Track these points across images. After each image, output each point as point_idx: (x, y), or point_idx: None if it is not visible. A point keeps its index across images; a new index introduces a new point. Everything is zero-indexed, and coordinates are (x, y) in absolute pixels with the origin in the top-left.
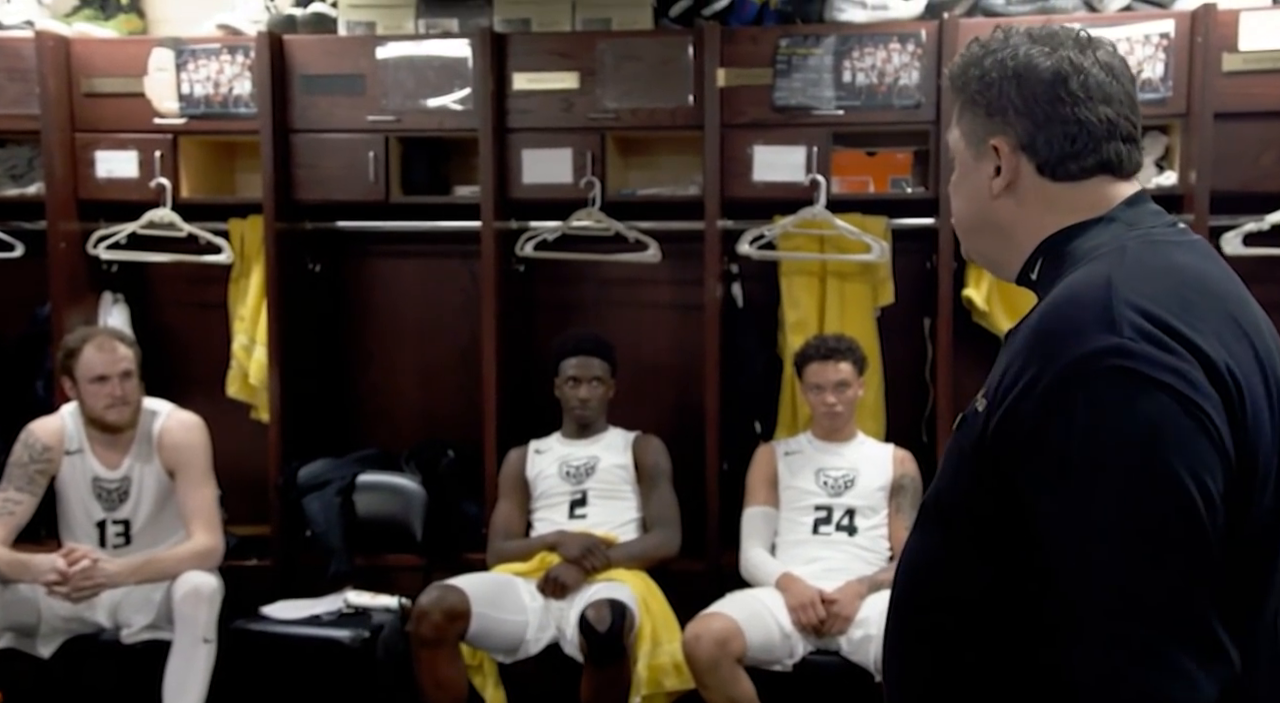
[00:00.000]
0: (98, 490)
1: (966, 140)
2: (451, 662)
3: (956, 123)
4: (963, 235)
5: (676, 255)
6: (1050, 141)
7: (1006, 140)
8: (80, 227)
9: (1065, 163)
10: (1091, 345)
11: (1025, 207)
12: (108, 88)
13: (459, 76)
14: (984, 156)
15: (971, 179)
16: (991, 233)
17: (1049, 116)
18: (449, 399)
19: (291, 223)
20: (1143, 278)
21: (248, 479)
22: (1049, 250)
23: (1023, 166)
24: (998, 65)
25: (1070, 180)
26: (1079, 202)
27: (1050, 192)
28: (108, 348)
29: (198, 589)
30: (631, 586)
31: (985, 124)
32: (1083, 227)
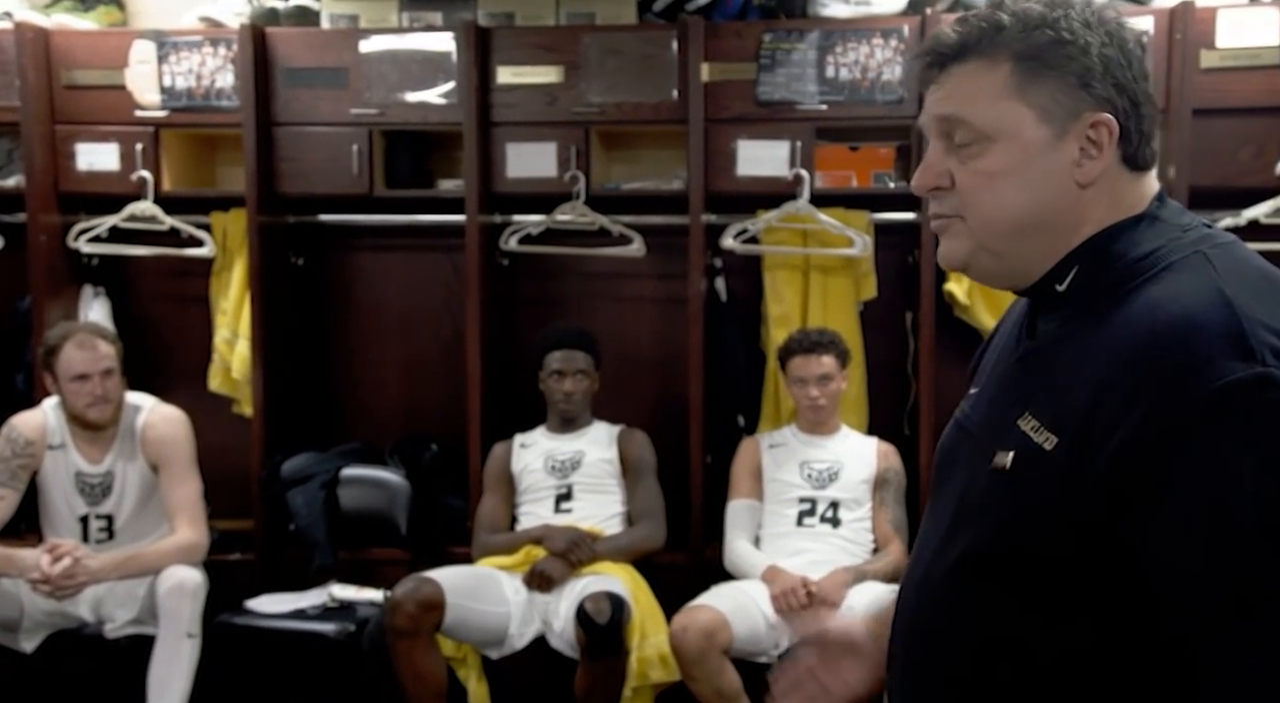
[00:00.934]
0: (80, 485)
1: (1042, 114)
2: (428, 653)
3: (1015, 95)
4: (994, 233)
5: (660, 249)
6: (1140, 125)
7: (1113, 116)
8: (61, 219)
9: (1143, 151)
10: (1231, 375)
11: (1099, 199)
12: (88, 80)
13: (442, 70)
14: (1069, 136)
15: (1042, 164)
16: (1049, 229)
17: (1139, 95)
18: (432, 393)
19: (274, 216)
20: (1256, 293)
21: (230, 473)
22: (1088, 255)
23: (1113, 153)
24: (1089, 27)
25: (1141, 170)
26: (1135, 196)
27: (1123, 183)
28: (88, 346)
29: (182, 584)
30: (619, 579)
31: (1079, 96)
32: (1124, 226)
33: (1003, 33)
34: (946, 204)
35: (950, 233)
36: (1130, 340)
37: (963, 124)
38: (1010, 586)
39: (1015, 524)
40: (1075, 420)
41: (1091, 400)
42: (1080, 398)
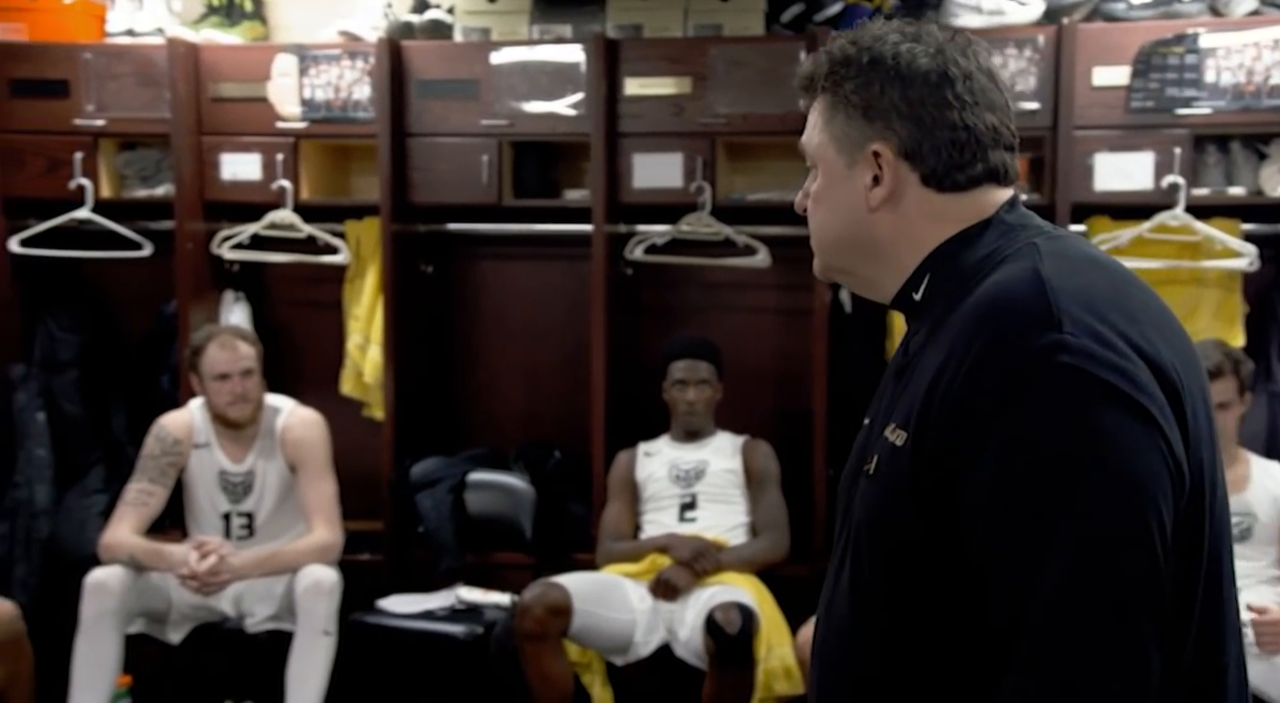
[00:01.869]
0: (223, 483)
1: (837, 146)
2: (555, 657)
3: (822, 126)
4: (825, 252)
5: (785, 260)
6: (937, 149)
7: (889, 146)
8: (205, 227)
9: (953, 172)
10: (1036, 341)
11: (907, 220)
12: (233, 93)
13: (571, 81)
14: (859, 165)
15: (841, 189)
16: (864, 249)
17: (936, 122)
18: (556, 400)
19: (406, 225)
20: (1070, 271)
21: (361, 476)
22: (938, 264)
23: (905, 176)
24: (877, 64)
25: (957, 191)
26: (965, 210)
27: (935, 203)
28: (229, 346)
29: (319, 583)
30: (745, 589)
31: (863, 128)
32: (970, 234)
33: (820, 70)
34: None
35: (815, 247)
36: (960, 329)
37: (804, 151)
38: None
39: (879, 519)
40: (916, 410)
41: (927, 388)
42: (919, 391)
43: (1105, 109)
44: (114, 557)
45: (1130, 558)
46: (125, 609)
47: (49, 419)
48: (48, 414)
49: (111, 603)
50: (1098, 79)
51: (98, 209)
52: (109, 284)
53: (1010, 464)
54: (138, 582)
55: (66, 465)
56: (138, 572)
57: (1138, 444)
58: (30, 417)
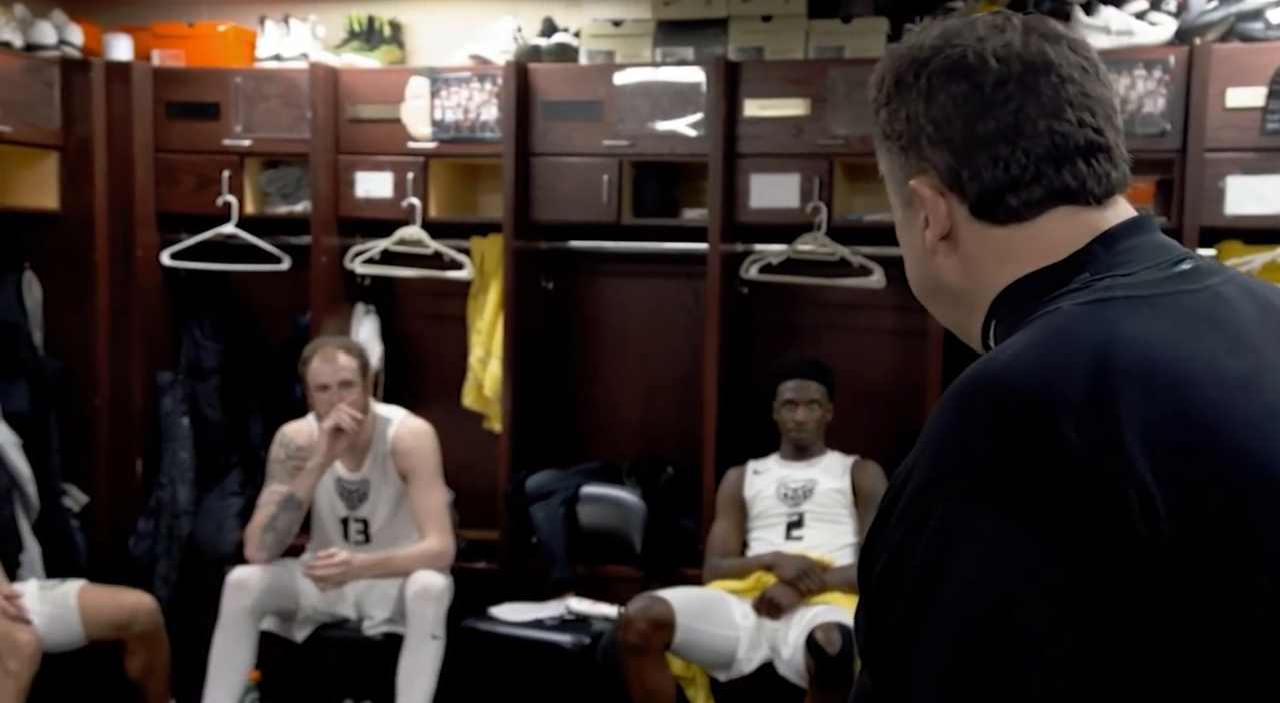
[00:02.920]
0: (340, 490)
1: (890, 184)
2: (657, 670)
3: (880, 162)
4: (925, 305)
5: (900, 282)
6: (978, 173)
7: (927, 181)
8: (339, 242)
9: (1003, 198)
10: (952, 458)
11: (971, 262)
12: (369, 114)
13: (691, 102)
14: (911, 204)
15: (906, 233)
16: (946, 298)
17: (969, 140)
18: (669, 417)
19: (528, 242)
20: (1050, 363)
21: (479, 486)
22: (1000, 310)
23: (955, 211)
24: (900, 84)
25: (1017, 221)
26: (1036, 246)
27: (996, 238)
28: (330, 358)
29: (427, 588)
30: (849, 610)
31: (902, 162)
32: (1037, 278)
33: (870, 101)
34: None
35: None
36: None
37: None
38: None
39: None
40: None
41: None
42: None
43: (1239, 131)
44: (258, 532)
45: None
46: (261, 607)
47: (192, 423)
48: (191, 419)
49: (249, 600)
50: (1231, 101)
51: (242, 224)
52: (250, 296)
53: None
54: (273, 581)
55: (207, 468)
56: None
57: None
58: (175, 421)
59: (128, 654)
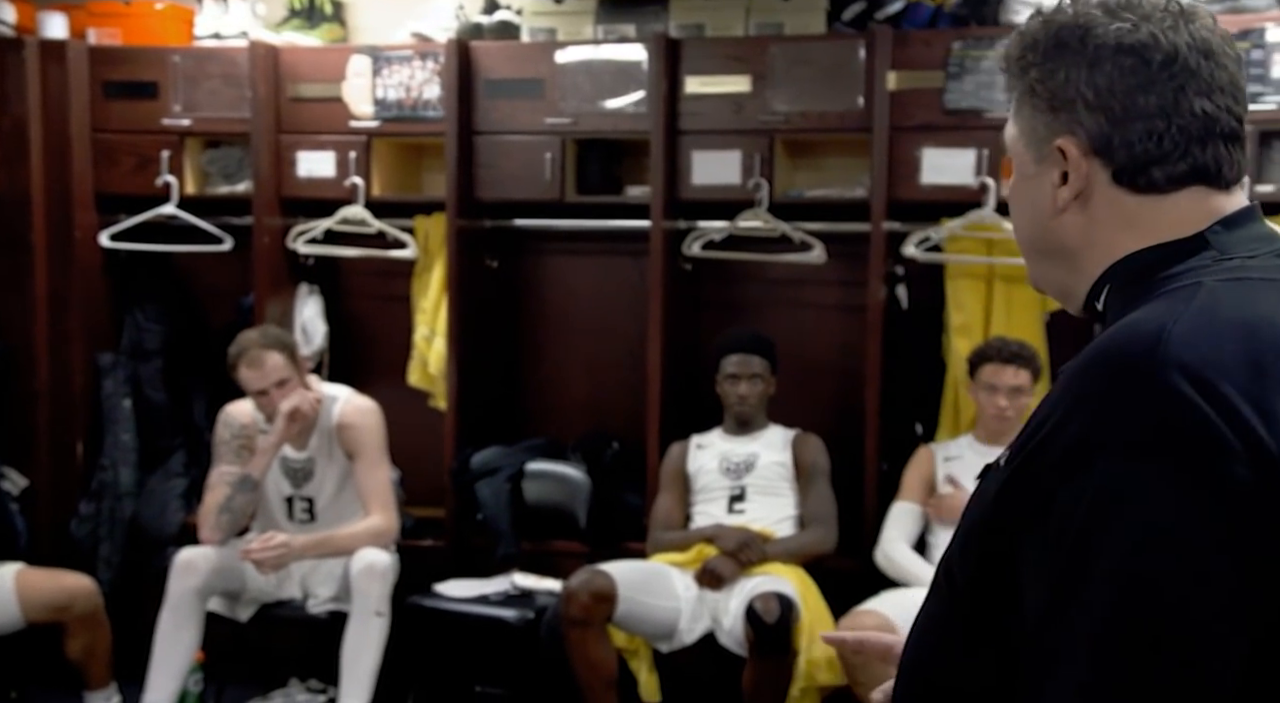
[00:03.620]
0: (286, 469)
1: (1026, 140)
2: (599, 642)
3: (1014, 117)
4: (1027, 259)
5: (842, 257)
6: (1130, 142)
7: (1075, 141)
8: (282, 222)
9: (1148, 169)
10: (1122, 411)
11: (1097, 224)
12: (310, 93)
13: (633, 80)
14: (1047, 161)
15: (1031, 189)
16: (1057, 256)
17: (1128, 110)
18: (615, 393)
19: (472, 220)
20: (1208, 333)
21: (425, 464)
22: (1118, 276)
23: (1095, 174)
24: (1062, 46)
25: (1155, 192)
26: (1164, 218)
27: (1129, 206)
28: (258, 363)
29: (372, 566)
30: (789, 580)
31: (1048, 120)
32: (1163, 249)
33: (1009, 59)
34: None
35: None
36: (1078, 364)
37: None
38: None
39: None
40: (1020, 440)
41: (1034, 420)
42: (1034, 417)
43: None
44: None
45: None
46: (209, 588)
47: (134, 406)
48: (133, 401)
49: (197, 581)
50: None
51: (183, 205)
52: (193, 277)
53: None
54: (221, 562)
55: (150, 450)
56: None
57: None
58: (117, 403)
59: (68, 637)
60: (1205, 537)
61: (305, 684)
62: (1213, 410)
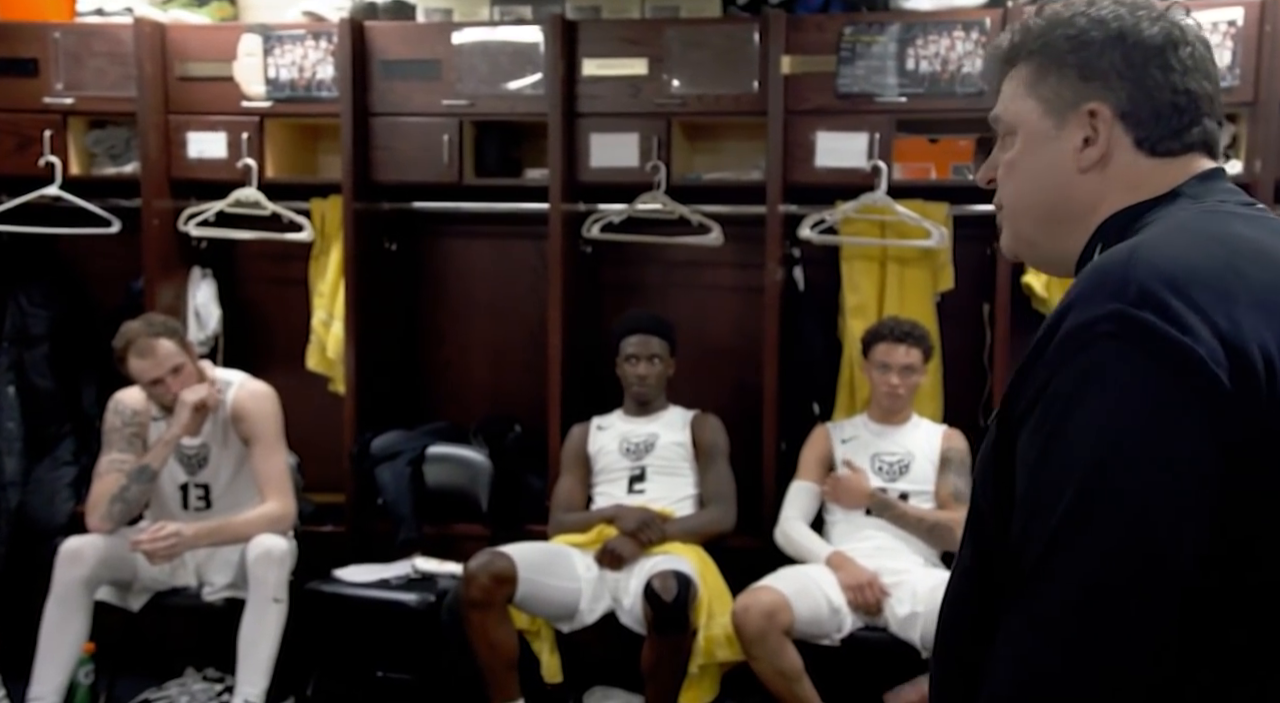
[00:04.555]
0: (180, 456)
1: (1045, 107)
2: (500, 624)
3: (1026, 91)
4: (1019, 223)
5: (739, 239)
6: (1157, 112)
7: (1107, 105)
8: (172, 204)
9: (1168, 138)
10: (1093, 312)
11: (1110, 184)
12: (199, 72)
13: (531, 62)
14: (1070, 125)
15: (1044, 152)
16: (1066, 219)
17: (1158, 85)
18: (517, 376)
19: (369, 203)
20: (1176, 244)
21: (324, 449)
22: (1109, 231)
23: (1119, 138)
24: (1097, 24)
25: (1169, 156)
26: (1161, 180)
27: (1142, 168)
28: (149, 352)
29: (269, 552)
30: (688, 559)
31: (1078, 88)
32: (1147, 205)
33: (1030, 35)
34: (997, 196)
35: (1002, 223)
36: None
37: (999, 121)
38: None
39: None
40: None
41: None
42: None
43: None
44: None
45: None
46: (96, 578)
47: (19, 393)
48: (18, 388)
49: (84, 571)
50: None
51: (67, 186)
52: (80, 261)
53: (1042, 426)
54: (109, 552)
55: (37, 438)
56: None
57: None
58: (1, 390)
59: None
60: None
61: (201, 674)
62: (1179, 303)
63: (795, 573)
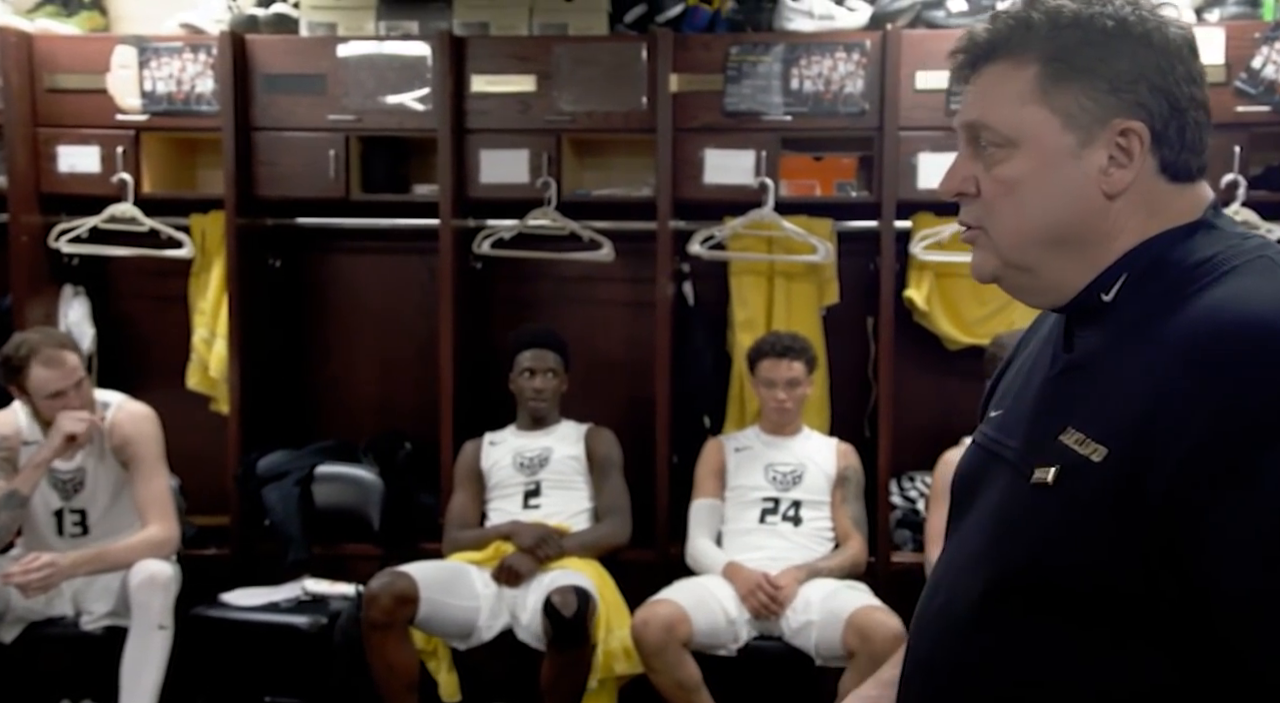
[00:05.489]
0: (53, 481)
1: (1065, 121)
2: (401, 645)
3: (1038, 99)
4: (1016, 249)
5: (629, 254)
6: (1182, 132)
7: (1144, 124)
8: (42, 220)
9: (1188, 160)
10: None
11: (1131, 210)
12: (70, 84)
13: (418, 77)
14: (1095, 143)
15: (1061, 171)
16: (1074, 244)
17: (1187, 99)
18: (407, 393)
19: (252, 219)
20: None
21: (207, 470)
22: (1138, 263)
23: (1148, 161)
24: (1124, 25)
25: (1186, 181)
26: (1183, 205)
27: (1163, 194)
28: (56, 362)
29: (153, 577)
30: (585, 574)
31: (1106, 102)
32: (1180, 234)
33: (1031, 31)
34: (971, 213)
35: (978, 244)
36: (1193, 344)
37: (987, 128)
38: (1052, 614)
39: (1059, 542)
40: (1129, 430)
41: (1148, 408)
42: (1134, 407)
43: (927, 111)
44: None
45: None
46: None
47: None
48: None
49: None
50: (920, 83)
51: None
52: None
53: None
54: None
55: None
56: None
57: None
58: None
59: None
60: None
61: None
62: None
63: (692, 585)
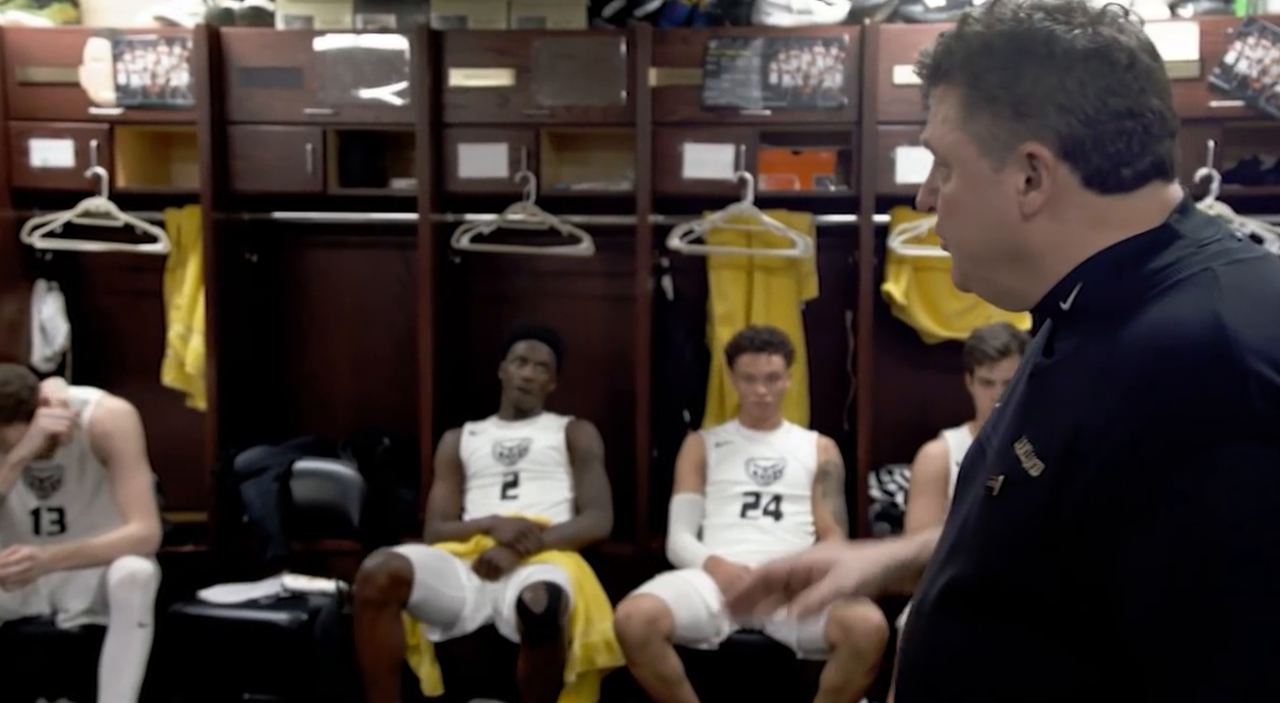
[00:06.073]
0: (30, 479)
1: (980, 146)
2: (391, 625)
3: (958, 123)
4: (968, 265)
5: (609, 249)
6: (1102, 144)
7: (1047, 146)
8: (14, 214)
9: (1118, 170)
10: (1214, 407)
11: (1064, 226)
12: (42, 77)
13: (396, 70)
14: (1009, 167)
15: (985, 195)
16: (1016, 261)
17: (1100, 112)
18: (385, 388)
19: (228, 213)
20: (1259, 316)
21: (185, 466)
22: (1094, 272)
23: (1065, 178)
24: (1025, 50)
25: (1123, 191)
26: (1131, 213)
27: (1099, 207)
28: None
29: (133, 575)
30: (565, 568)
31: (1012, 126)
32: (1136, 243)
33: (953, 57)
34: (938, 226)
35: (951, 253)
36: (1119, 364)
37: (931, 149)
38: (993, 619)
39: (996, 553)
40: (1059, 447)
41: (1075, 426)
42: (1067, 423)
43: (906, 105)
44: None
45: None
46: None
47: None
48: None
49: None
50: (898, 77)
51: None
52: None
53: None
54: None
55: None
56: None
57: None
58: None
59: None
60: None
61: None
62: None
63: (674, 579)
